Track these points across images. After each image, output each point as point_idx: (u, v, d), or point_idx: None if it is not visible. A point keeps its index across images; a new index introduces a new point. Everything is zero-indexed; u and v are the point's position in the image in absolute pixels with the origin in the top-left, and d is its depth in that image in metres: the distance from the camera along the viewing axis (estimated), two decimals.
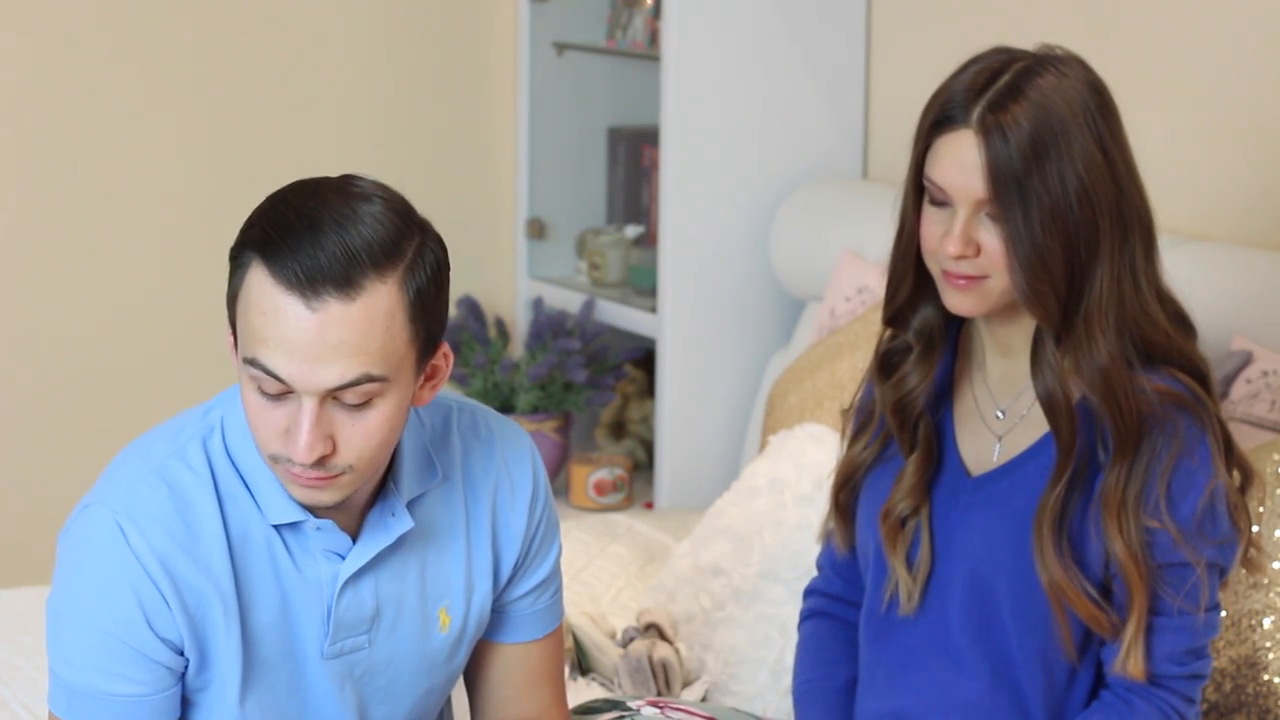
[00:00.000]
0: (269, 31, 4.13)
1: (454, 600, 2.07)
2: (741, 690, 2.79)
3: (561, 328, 4.15)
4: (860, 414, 2.34)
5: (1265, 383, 2.74)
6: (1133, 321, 2.11)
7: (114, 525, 1.93)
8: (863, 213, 3.63)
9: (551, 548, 2.15)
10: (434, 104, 4.31)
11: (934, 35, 3.75)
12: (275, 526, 1.97)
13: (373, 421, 1.88)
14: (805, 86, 3.88)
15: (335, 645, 2.01)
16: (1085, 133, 2.08)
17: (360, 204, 1.87)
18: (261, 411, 1.88)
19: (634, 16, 4.12)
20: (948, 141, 2.10)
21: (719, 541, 2.90)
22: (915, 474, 2.22)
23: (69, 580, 1.95)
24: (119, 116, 4.02)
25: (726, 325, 3.91)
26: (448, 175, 4.32)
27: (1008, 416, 2.22)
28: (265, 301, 1.84)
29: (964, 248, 2.10)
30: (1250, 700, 2.47)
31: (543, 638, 2.17)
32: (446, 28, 4.30)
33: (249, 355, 1.86)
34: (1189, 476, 2.11)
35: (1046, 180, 2.06)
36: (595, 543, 3.43)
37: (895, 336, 2.28)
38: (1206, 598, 2.14)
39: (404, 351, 1.87)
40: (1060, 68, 2.10)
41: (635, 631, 2.91)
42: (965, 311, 2.15)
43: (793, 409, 3.27)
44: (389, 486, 2.00)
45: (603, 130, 4.32)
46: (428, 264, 1.89)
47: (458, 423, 2.09)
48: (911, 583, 2.22)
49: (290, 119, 4.17)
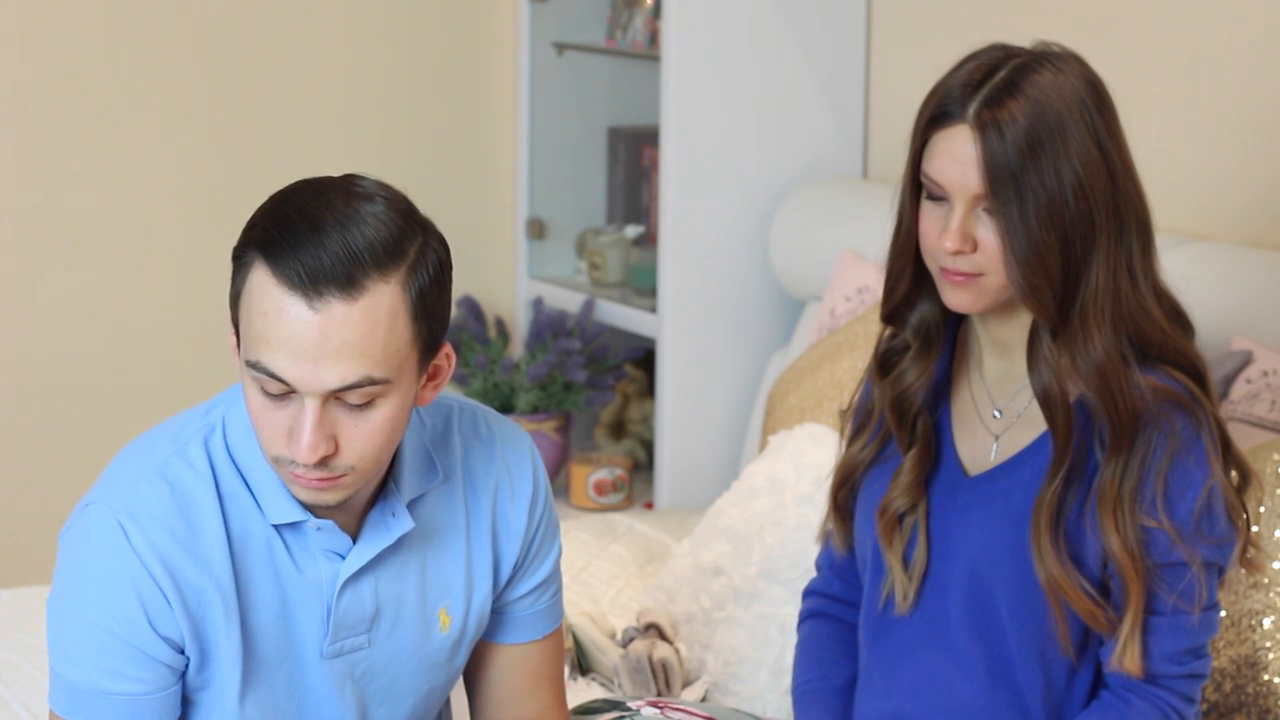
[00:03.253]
0: (269, 32, 4.13)
1: (454, 600, 2.07)
2: (741, 690, 2.79)
3: (561, 328, 4.15)
4: (859, 414, 2.34)
5: (1265, 383, 2.74)
6: (1129, 317, 2.11)
7: (115, 524, 1.93)
8: (862, 213, 3.63)
9: (552, 548, 2.15)
10: (434, 104, 4.31)
11: (934, 35, 3.75)
12: (276, 526, 1.97)
13: (375, 422, 1.88)
14: (805, 86, 3.88)
15: (335, 645, 2.01)
16: (1082, 129, 2.08)
17: (363, 204, 1.86)
18: (265, 413, 1.88)
19: (634, 16, 4.12)
20: (944, 137, 2.10)
21: (719, 541, 2.90)
22: (913, 471, 2.22)
23: (70, 579, 1.95)
24: (119, 116, 4.02)
25: (726, 325, 3.91)
26: (448, 175, 4.32)
27: (1005, 416, 2.22)
28: (268, 302, 1.84)
29: (961, 243, 2.10)
30: (1250, 700, 2.47)
31: (543, 638, 2.17)
32: (446, 28, 4.30)
33: (251, 358, 1.86)
34: (1186, 476, 2.11)
35: (1043, 176, 2.06)
36: (595, 543, 3.43)
37: (895, 336, 2.28)
38: (1205, 597, 2.14)
39: (406, 352, 1.87)
40: (1058, 64, 2.10)
41: (635, 631, 2.91)
42: (963, 308, 2.15)
43: (793, 409, 3.27)
44: (389, 486, 2.00)
45: (603, 130, 4.32)
46: (430, 264, 1.88)
47: (458, 423, 2.09)
48: (907, 581, 2.22)
49: (290, 119, 4.17)
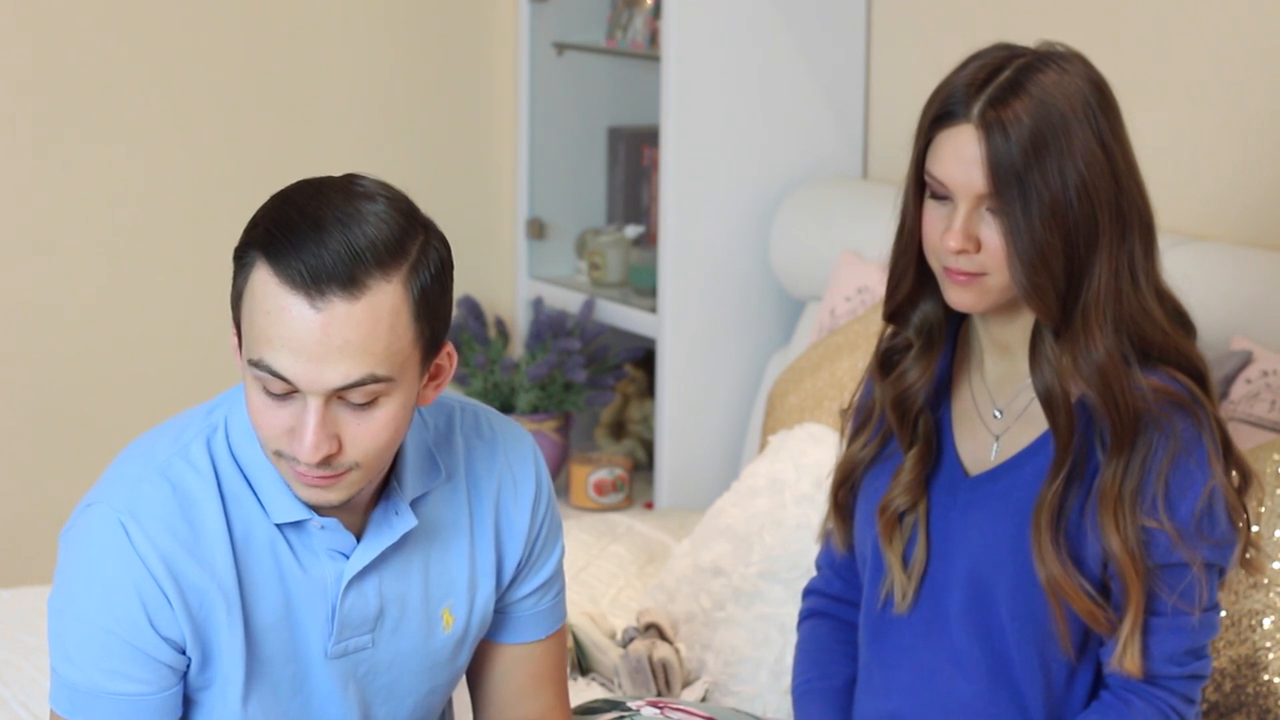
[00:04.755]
0: (269, 32, 4.13)
1: (457, 600, 2.07)
2: (741, 690, 2.79)
3: (561, 328, 4.15)
4: (860, 412, 2.34)
5: (1265, 383, 2.74)
6: (1130, 318, 2.12)
7: (117, 524, 1.93)
8: (863, 213, 3.63)
9: (554, 548, 2.15)
10: (434, 104, 4.31)
11: (934, 35, 3.75)
12: (279, 526, 1.97)
13: (378, 421, 1.88)
14: (805, 86, 3.88)
15: (339, 645, 2.01)
16: (1086, 129, 2.08)
17: (364, 203, 1.86)
18: (266, 411, 1.88)
19: (634, 16, 4.12)
20: (949, 136, 2.10)
21: (719, 541, 2.90)
22: (914, 469, 2.22)
23: (71, 579, 1.95)
24: (120, 116, 4.01)
25: (726, 325, 3.91)
26: (448, 175, 4.32)
27: (1005, 416, 2.22)
28: (270, 301, 1.84)
29: (964, 242, 2.10)
30: (1250, 700, 2.47)
31: (545, 638, 2.17)
32: (446, 28, 4.30)
33: (254, 357, 1.86)
34: (1187, 477, 2.11)
35: (1046, 175, 2.06)
36: (595, 543, 3.43)
37: (896, 334, 2.28)
38: (1205, 598, 2.14)
39: (408, 351, 1.87)
40: (1062, 64, 2.11)
41: (635, 631, 2.91)
42: (966, 308, 2.15)
43: (793, 409, 3.27)
44: (392, 485, 2.00)
45: (603, 130, 4.32)
46: (432, 263, 1.88)
47: (461, 422, 2.09)
48: (906, 581, 2.22)
49: (290, 119, 4.17)
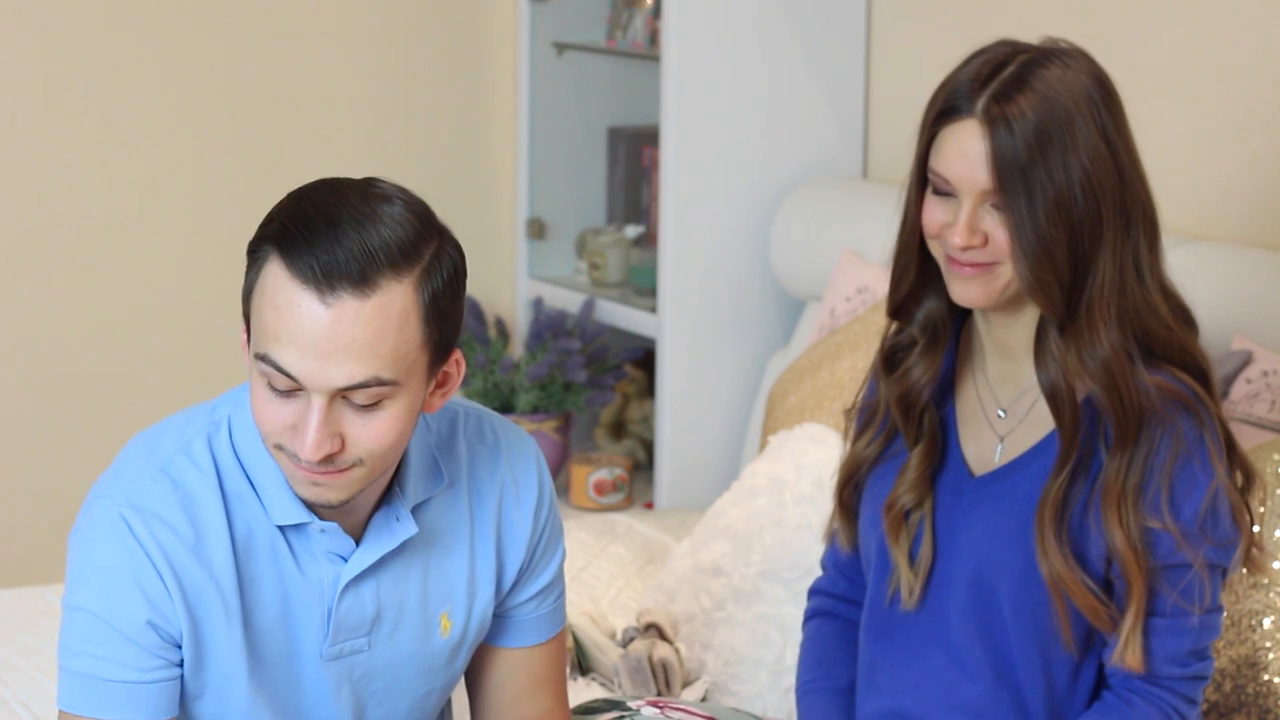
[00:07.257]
0: (269, 32, 4.13)
1: (456, 605, 2.07)
2: (741, 690, 2.79)
3: (561, 328, 4.14)
4: (864, 411, 2.33)
5: (1265, 383, 2.74)
6: (1135, 312, 2.11)
7: (118, 516, 1.93)
8: (863, 213, 3.63)
9: (555, 554, 2.15)
10: (434, 104, 4.31)
11: (934, 35, 3.75)
12: (280, 527, 1.97)
13: (382, 423, 1.88)
14: (805, 86, 3.88)
15: (335, 647, 2.01)
16: (1090, 124, 2.08)
17: (381, 205, 1.87)
18: (269, 407, 1.88)
19: (634, 16, 4.12)
20: (952, 132, 2.10)
21: (719, 541, 2.90)
22: (919, 467, 2.22)
23: (76, 574, 1.96)
24: (121, 116, 4.02)
25: (726, 325, 3.91)
26: (448, 175, 4.32)
27: (1009, 417, 2.22)
28: (280, 295, 1.84)
29: (970, 238, 2.10)
30: (1250, 700, 2.47)
31: (545, 642, 2.17)
32: (446, 28, 4.30)
33: (261, 351, 1.86)
34: (1191, 478, 2.11)
35: (1051, 171, 2.06)
36: (595, 543, 3.42)
37: (899, 331, 2.28)
38: (1208, 599, 2.14)
39: (415, 355, 1.87)
40: (1065, 60, 2.11)
41: (635, 631, 2.91)
42: (971, 302, 2.15)
43: (793, 409, 3.27)
44: (394, 490, 2.00)
45: (603, 130, 4.32)
46: (445, 268, 1.88)
47: (464, 428, 2.09)
48: (913, 578, 2.22)
49: (291, 119, 4.17)
